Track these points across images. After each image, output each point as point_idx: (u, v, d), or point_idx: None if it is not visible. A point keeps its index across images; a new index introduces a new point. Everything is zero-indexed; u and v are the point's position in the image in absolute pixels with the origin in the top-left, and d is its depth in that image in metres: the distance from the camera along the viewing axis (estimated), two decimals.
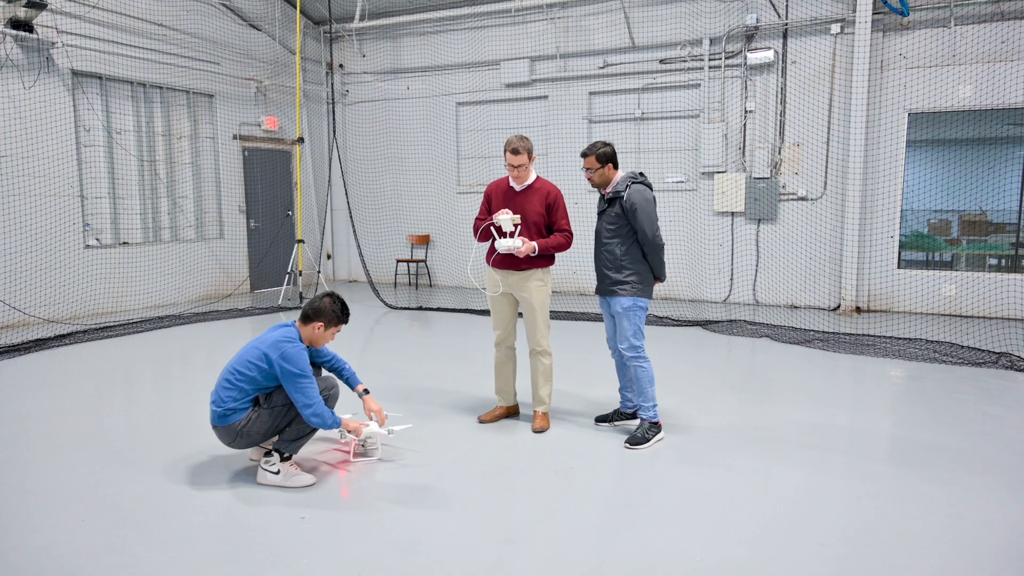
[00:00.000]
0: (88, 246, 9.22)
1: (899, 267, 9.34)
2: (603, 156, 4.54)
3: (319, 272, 11.17)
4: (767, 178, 9.74)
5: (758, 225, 9.95)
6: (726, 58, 9.81)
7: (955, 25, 8.63)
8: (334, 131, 11.37)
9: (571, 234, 4.74)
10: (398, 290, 11.93)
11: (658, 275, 4.61)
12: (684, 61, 10.10)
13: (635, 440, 4.52)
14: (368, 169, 12.76)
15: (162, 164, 10.24)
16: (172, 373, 6.54)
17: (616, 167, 4.61)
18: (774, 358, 6.91)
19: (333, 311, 3.93)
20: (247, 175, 11.51)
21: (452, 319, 9.19)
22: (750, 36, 9.65)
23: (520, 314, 4.91)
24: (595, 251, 4.73)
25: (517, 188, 4.73)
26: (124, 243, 9.73)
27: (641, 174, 4.60)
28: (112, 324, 8.45)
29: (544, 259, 4.71)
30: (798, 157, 9.63)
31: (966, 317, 8.83)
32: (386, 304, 10.18)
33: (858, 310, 9.27)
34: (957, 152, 9.56)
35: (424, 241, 12.34)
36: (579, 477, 4.04)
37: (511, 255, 4.61)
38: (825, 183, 9.52)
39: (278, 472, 3.87)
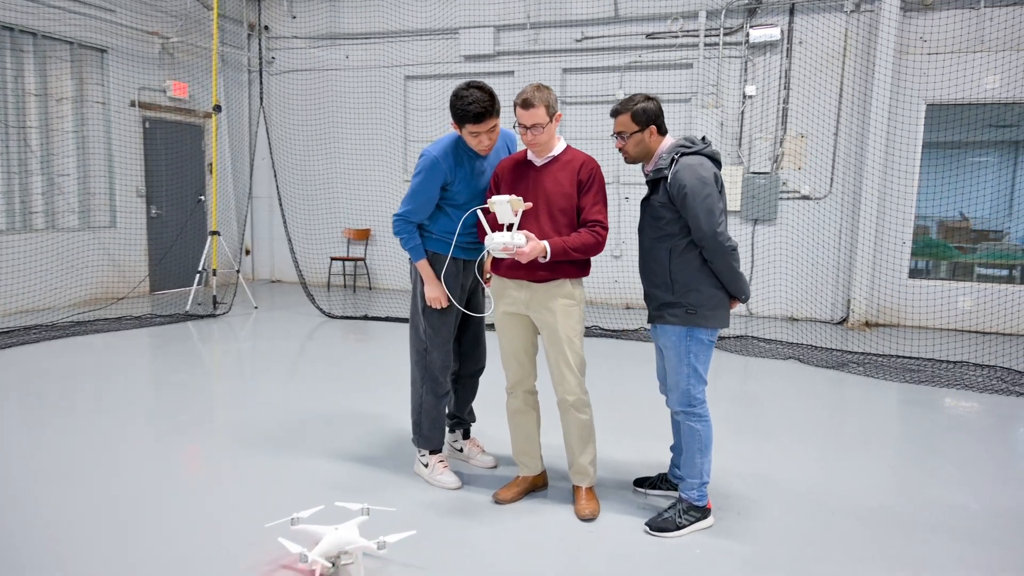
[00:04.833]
0: None
1: (909, 277, 8.40)
2: (641, 114, 3.08)
3: (238, 271, 9.29)
4: (767, 173, 8.60)
5: (754, 226, 8.80)
6: (724, 35, 8.59)
7: (984, 7, 7.71)
8: (261, 101, 9.50)
9: (605, 229, 3.21)
10: (332, 293, 10.17)
11: (733, 292, 3.12)
12: (675, 36, 8.83)
13: (661, 525, 3.16)
14: (296, 151, 10.90)
15: (35, 132, 8.12)
16: (44, 413, 4.65)
17: (662, 132, 3.16)
18: (800, 386, 5.68)
19: (451, 106, 3.30)
20: (148, 151, 9.47)
21: (407, 333, 7.55)
22: (752, 11, 8.47)
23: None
24: (639, 258, 3.29)
25: (537, 162, 3.25)
26: None
27: (702, 140, 3.12)
28: None
29: (573, 265, 3.23)
30: (802, 150, 8.54)
31: (986, 333, 7.95)
32: (322, 311, 8.44)
33: (867, 324, 8.26)
34: (970, 153, 8.72)
35: (363, 236, 10.62)
36: None
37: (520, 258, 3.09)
38: (832, 180, 8.46)
39: (426, 465, 3.71)
